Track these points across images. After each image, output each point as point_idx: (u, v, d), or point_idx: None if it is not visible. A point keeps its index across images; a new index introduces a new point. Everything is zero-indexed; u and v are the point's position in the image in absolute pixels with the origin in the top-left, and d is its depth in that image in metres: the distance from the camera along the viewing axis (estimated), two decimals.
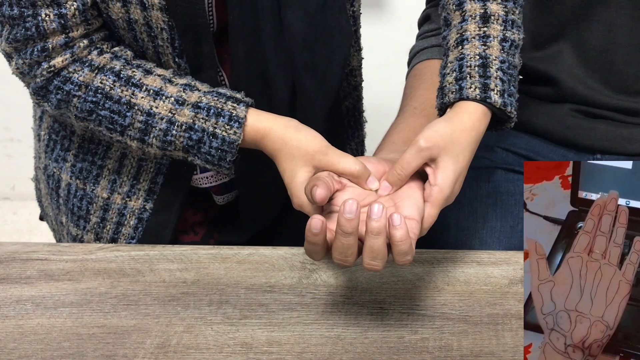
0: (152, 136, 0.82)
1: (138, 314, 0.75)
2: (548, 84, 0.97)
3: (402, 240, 0.66)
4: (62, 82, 0.82)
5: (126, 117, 0.82)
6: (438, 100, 0.81)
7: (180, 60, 0.85)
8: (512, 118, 0.80)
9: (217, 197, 0.96)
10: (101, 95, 0.82)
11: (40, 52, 0.81)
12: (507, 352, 0.70)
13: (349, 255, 0.67)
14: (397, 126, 0.88)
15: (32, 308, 0.77)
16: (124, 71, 0.83)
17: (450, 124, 0.75)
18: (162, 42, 0.83)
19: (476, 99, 0.77)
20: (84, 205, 0.93)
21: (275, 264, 0.82)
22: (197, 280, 0.80)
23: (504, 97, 0.78)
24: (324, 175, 0.73)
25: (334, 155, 0.75)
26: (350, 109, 1.01)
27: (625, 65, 0.94)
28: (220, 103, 0.81)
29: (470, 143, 0.76)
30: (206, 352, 0.71)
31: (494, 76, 0.78)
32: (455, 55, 0.81)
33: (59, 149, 0.93)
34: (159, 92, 0.82)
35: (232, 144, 0.80)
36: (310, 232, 0.66)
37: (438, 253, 0.82)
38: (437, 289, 0.78)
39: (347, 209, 0.65)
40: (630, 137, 0.96)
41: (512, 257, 0.81)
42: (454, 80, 0.79)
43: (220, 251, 0.84)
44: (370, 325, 0.73)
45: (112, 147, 0.90)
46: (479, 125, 0.77)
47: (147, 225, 0.91)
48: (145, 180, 0.91)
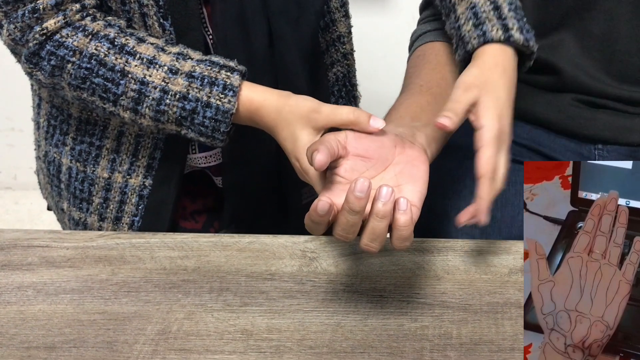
0: (144, 106, 0.81)
1: (139, 300, 0.76)
2: (550, 73, 0.97)
3: (406, 226, 0.66)
4: (55, 47, 0.82)
5: (119, 85, 0.81)
6: (460, 50, 0.83)
7: (165, 22, 0.84)
8: (534, 54, 0.84)
9: (216, 179, 0.96)
10: (95, 62, 0.81)
11: (32, 14, 0.80)
12: (507, 341, 0.70)
13: (351, 233, 0.66)
14: (404, 102, 0.87)
15: (33, 294, 0.77)
16: (118, 38, 0.82)
17: (478, 66, 0.78)
18: (147, 1, 0.82)
19: (500, 39, 0.80)
20: (86, 187, 0.93)
21: (276, 252, 0.82)
22: (197, 267, 0.80)
23: (523, 33, 0.81)
24: (330, 138, 0.70)
25: (328, 110, 0.74)
26: (340, 77, 1.01)
27: (628, 55, 0.94)
28: (214, 72, 0.81)
29: (501, 77, 0.78)
30: (207, 339, 0.71)
31: (509, 16, 0.82)
32: (465, 6, 0.83)
33: (58, 133, 0.93)
34: (152, 60, 0.81)
35: (226, 113, 0.80)
36: (316, 212, 0.65)
37: (438, 242, 0.82)
38: (437, 277, 0.78)
39: (359, 187, 0.64)
40: (632, 127, 0.95)
41: (512, 246, 0.82)
42: (472, 27, 0.81)
43: (221, 239, 0.84)
44: (370, 313, 0.73)
45: (109, 126, 0.90)
46: (503, 61, 0.80)
47: (149, 202, 0.91)
48: (143, 156, 0.90)
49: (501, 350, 0.69)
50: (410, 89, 0.89)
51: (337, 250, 0.81)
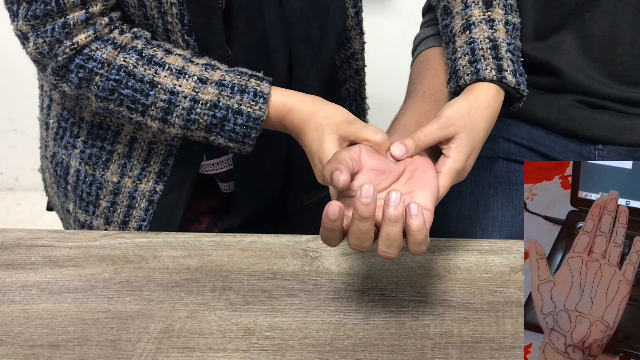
0: (174, 115, 0.82)
1: (142, 299, 0.76)
2: (550, 74, 0.97)
3: (419, 230, 0.67)
4: (84, 60, 0.82)
5: (149, 96, 0.82)
6: (452, 83, 0.83)
7: (189, 39, 0.85)
8: (523, 97, 0.84)
9: (223, 185, 0.97)
10: (124, 74, 0.82)
11: (62, 29, 0.81)
12: (507, 339, 0.70)
13: (365, 241, 0.67)
14: (407, 110, 0.88)
15: (37, 293, 0.77)
16: (146, 50, 0.83)
17: (468, 102, 0.78)
18: (172, 19, 0.84)
19: (492, 79, 0.80)
20: (94, 190, 0.93)
21: (278, 251, 0.82)
22: (200, 267, 0.80)
23: (516, 76, 0.81)
24: (345, 157, 0.71)
25: (359, 126, 0.77)
26: (352, 92, 1.02)
27: (628, 56, 0.95)
28: (243, 80, 0.82)
29: (485, 120, 0.79)
30: (209, 337, 0.71)
31: (505, 57, 0.82)
32: (464, 40, 0.83)
33: (68, 135, 0.94)
34: (181, 70, 0.82)
35: (257, 120, 0.81)
36: (327, 218, 0.66)
37: (439, 241, 0.83)
38: (438, 276, 0.78)
39: (364, 193, 0.65)
40: (632, 128, 0.96)
41: (512, 245, 0.82)
42: (467, 63, 0.81)
43: (224, 238, 0.84)
44: (371, 312, 0.74)
45: (122, 131, 0.91)
46: (493, 104, 0.80)
47: (158, 207, 0.92)
48: (155, 162, 0.91)
49: (502, 349, 0.69)
50: (414, 96, 0.90)
51: (338, 249, 0.81)
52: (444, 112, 0.76)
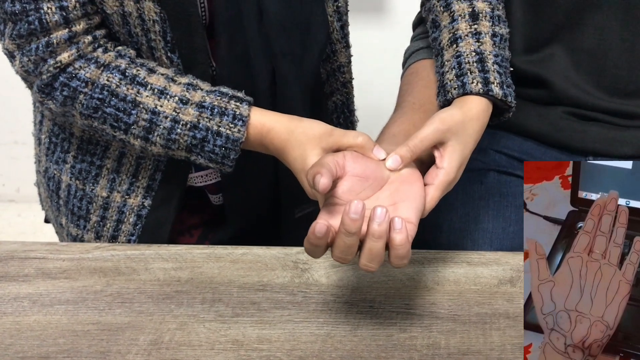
0: (156, 134, 0.84)
1: (132, 311, 0.77)
2: (541, 87, 0.98)
3: (402, 245, 0.67)
4: (68, 79, 0.84)
5: (131, 115, 0.83)
6: (440, 97, 0.84)
7: (173, 55, 0.86)
8: (512, 108, 0.84)
9: (213, 197, 0.97)
10: (107, 93, 0.83)
11: (46, 48, 0.82)
12: (494, 351, 0.71)
13: (349, 254, 0.68)
14: (397, 120, 0.89)
15: (29, 305, 0.78)
16: (129, 69, 0.84)
17: (462, 111, 0.79)
18: (155, 36, 0.85)
19: (479, 92, 0.81)
20: (84, 205, 0.94)
21: (268, 263, 0.83)
22: (191, 279, 0.81)
23: (503, 88, 0.82)
24: (329, 161, 0.72)
25: (339, 133, 0.77)
26: (339, 105, 1.03)
27: (618, 68, 0.95)
28: (223, 102, 0.83)
29: (476, 132, 0.79)
30: (198, 349, 0.72)
31: (492, 70, 0.82)
32: (451, 53, 0.84)
33: (59, 151, 0.95)
34: (163, 91, 0.83)
35: (235, 142, 0.82)
36: (314, 234, 0.67)
37: (429, 253, 0.83)
38: (427, 288, 0.79)
39: (353, 209, 0.66)
40: (622, 140, 0.96)
41: (501, 257, 0.82)
42: (454, 77, 0.82)
43: (215, 250, 0.85)
44: (359, 324, 0.74)
45: (111, 147, 0.92)
46: (483, 116, 0.81)
47: (146, 221, 0.93)
48: (143, 177, 0.92)
49: None
50: (403, 107, 0.91)
51: (328, 261, 0.82)
52: (439, 115, 0.77)
